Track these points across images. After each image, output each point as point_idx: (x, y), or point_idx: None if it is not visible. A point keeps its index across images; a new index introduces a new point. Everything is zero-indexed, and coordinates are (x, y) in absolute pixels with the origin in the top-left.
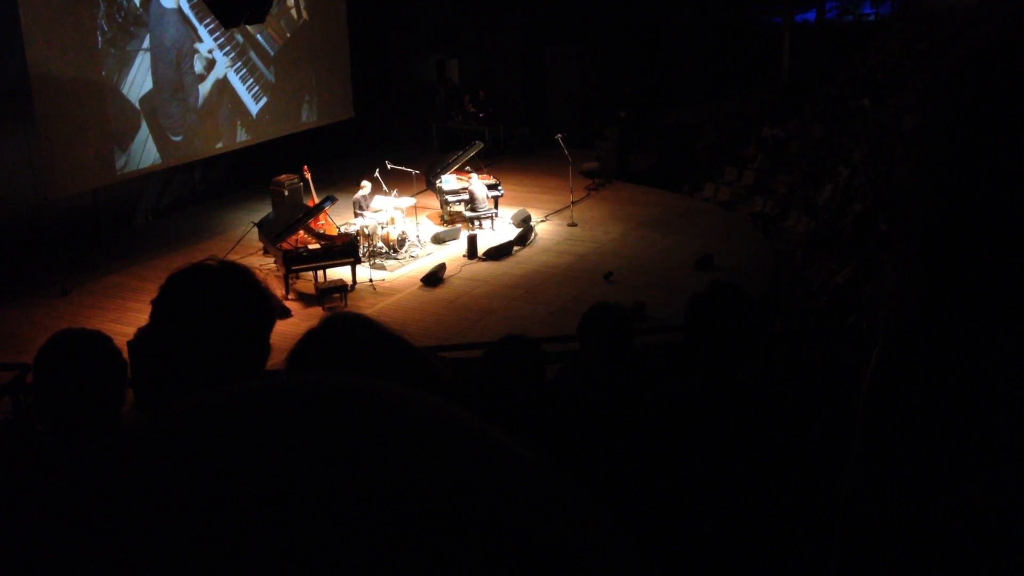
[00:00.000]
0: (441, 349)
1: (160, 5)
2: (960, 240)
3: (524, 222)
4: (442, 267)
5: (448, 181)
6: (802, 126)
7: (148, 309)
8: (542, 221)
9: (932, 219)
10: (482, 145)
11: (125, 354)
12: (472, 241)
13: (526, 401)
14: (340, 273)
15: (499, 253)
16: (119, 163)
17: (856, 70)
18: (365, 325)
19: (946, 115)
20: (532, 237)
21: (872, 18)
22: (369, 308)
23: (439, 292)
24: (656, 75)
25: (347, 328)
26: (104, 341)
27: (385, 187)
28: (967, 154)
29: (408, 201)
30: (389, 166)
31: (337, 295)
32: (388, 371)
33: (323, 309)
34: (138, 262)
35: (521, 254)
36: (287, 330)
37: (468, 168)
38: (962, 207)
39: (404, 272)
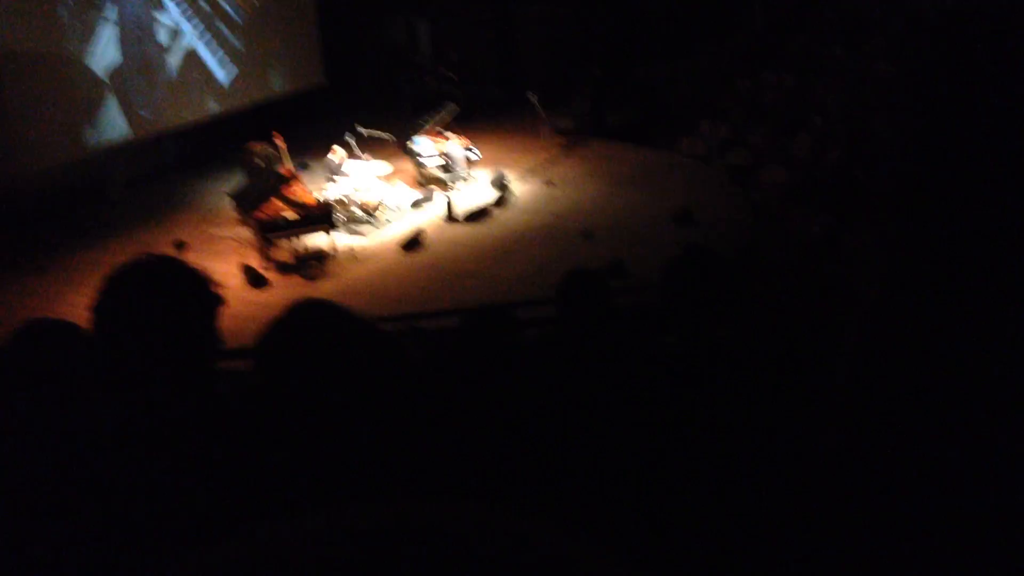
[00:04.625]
0: (419, 317)
1: None
2: (935, 194)
3: (501, 183)
4: (421, 231)
5: (422, 143)
6: (776, 76)
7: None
8: (518, 182)
9: (907, 171)
10: (456, 107)
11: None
12: (450, 204)
13: (504, 371)
14: (318, 241)
15: (477, 215)
16: (88, 137)
17: (827, 16)
18: (332, 312)
19: (923, 67)
20: (510, 198)
21: None
22: (348, 275)
23: (419, 256)
24: (628, 31)
25: (314, 316)
26: (73, 331)
27: (358, 151)
28: (945, 106)
29: (384, 166)
30: (363, 132)
31: (315, 263)
32: (357, 358)
33: (301, 277)
34: (112, 237)
35: (499, 215)
36: (264, 299)
37: (442, 130)
38: (938, 158)
39: (382, 238)
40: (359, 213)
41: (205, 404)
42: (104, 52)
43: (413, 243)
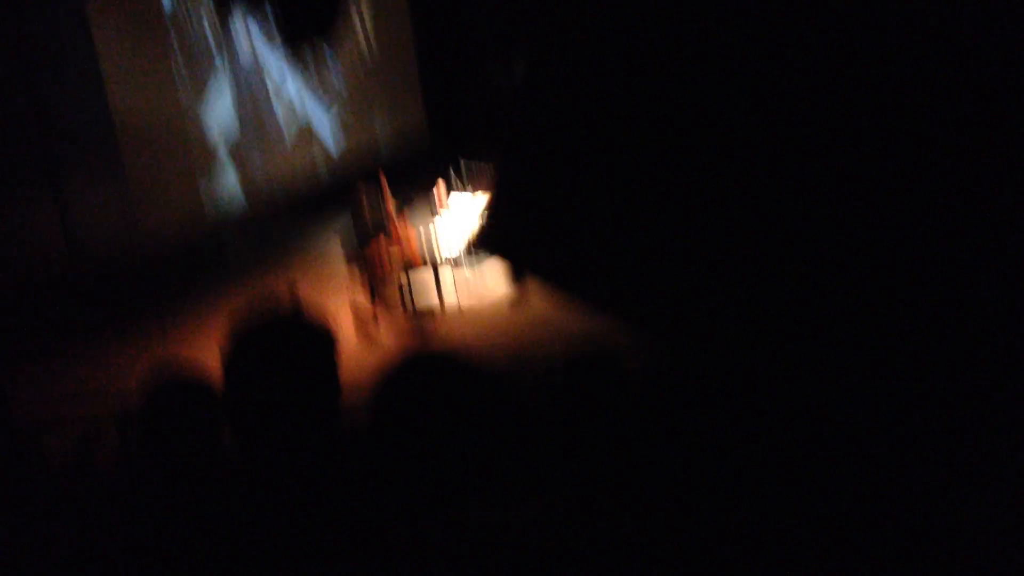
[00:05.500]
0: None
1: (235, 48)
2: None
3: None
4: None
5: None
6: None
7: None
8: None
9: None
10: None
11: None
12: None
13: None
14: (426, 289)
15: None
16: (205, 200)
17: None
18: (444, 360)
19: None
20: None
21: None
22: (456, 324)
23: (526, 304)
24: None
25: (426, 365)
26: (201, 383)
27: (462, 183)
28: None
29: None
30: (463, 164)
31: (424, 312)
32: (472, 408)
33: (410, 325)
34: (230, 287)
35: None
36: (373, 346)
37: None
38: None
39: (491, 287)
40: (466, 264)
41: (327, 446)
42: (221, 122)
43: (518, 280)
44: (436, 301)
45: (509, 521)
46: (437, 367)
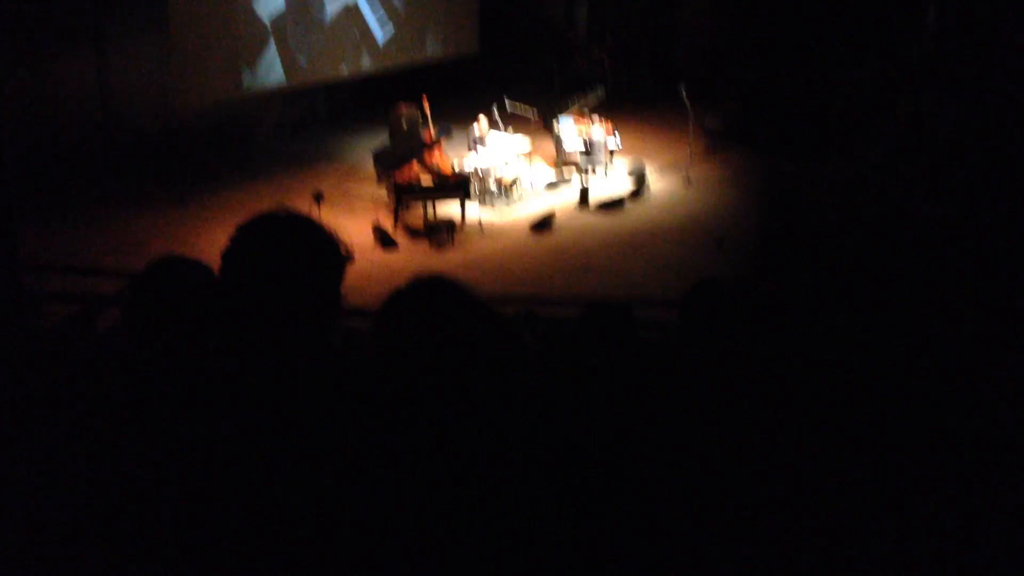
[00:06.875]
0: (539, 302)
1: None
2: None
3: (639, 175)
4: (552, 214)
5: (565, 124)
6: (938, 104)
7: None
8: (656, 176)
9: None
10: (604, 91)
11: None
12: (584, 191)
13: (617, 370)
14: (450, 210)
15: (610, 205)
16: (245, 80)
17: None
18: (451, 290)
19: None
20: (645, 191)
21: None
22: (474, 248)
23: (546, 239)
24: (791, 33)
25: (433, 292)
26: (202, 272)
27: (501, 124)
28: None
29: (525, 143)
30: (509, 106)
31: (444, 232)
32: (471, 338)
33: (429, 244)
34: (255, 180)
35: (633, 208)
36: (390, 261)
37: (587, 111)
38: None
39: (513, 215)
40: (494, 187)
41: (319, 360)
42: (272, 12)
43: (543, 225)
44: (455, 235)
45: None
46: (440, 294)
